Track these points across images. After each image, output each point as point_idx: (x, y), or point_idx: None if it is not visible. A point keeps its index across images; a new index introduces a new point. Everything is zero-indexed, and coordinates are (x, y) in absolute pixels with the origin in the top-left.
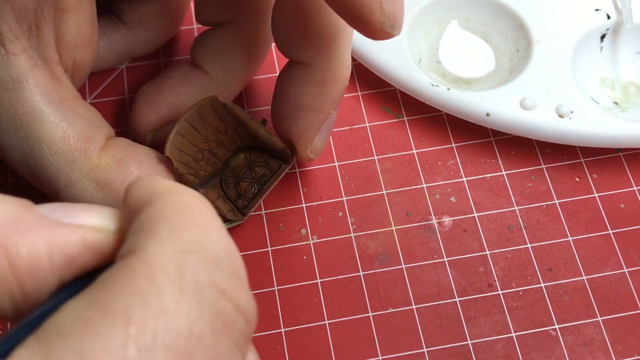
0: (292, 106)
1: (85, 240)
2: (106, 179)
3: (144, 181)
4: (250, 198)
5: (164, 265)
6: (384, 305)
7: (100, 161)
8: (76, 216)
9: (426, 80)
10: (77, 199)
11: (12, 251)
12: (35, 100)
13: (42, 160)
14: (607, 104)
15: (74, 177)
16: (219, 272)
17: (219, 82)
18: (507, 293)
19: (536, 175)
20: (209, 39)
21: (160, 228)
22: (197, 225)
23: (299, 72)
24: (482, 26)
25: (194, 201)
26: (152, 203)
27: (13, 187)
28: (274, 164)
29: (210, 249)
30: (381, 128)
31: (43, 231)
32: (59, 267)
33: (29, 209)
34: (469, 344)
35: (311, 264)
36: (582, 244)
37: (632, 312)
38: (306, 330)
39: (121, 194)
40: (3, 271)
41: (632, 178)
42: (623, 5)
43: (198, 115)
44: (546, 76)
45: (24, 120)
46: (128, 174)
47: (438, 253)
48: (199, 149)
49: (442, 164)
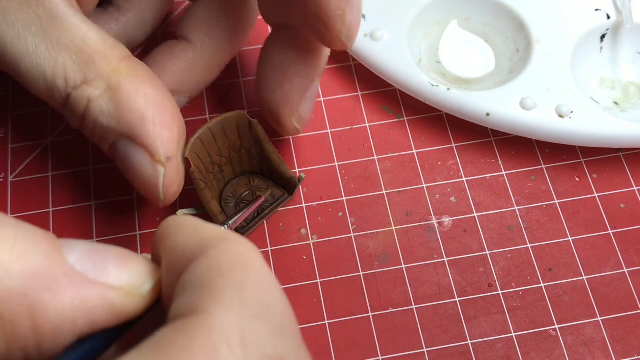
0: (278, 71)
1: (113, 306)
2: (118, 83)
3: (189, 226)
4: (249, 221)
5: (228, 335)
6: (384, 305)
7: (120, 66)
8: (106, 272)
9: (426, 80)
10: (84, 98)
11: (39, 313)
12: (54, 2)
13: (60, 62)
14: (607, 104)
15: (90, 77)
16: (286, 344)
17: (205, 53)
18: (507, 293)
19: (536, 175)
20: (195, 9)
21: (222, 286)
22: (260, 283)
23: (283, 36)
24: (482, 26)
25: (249, 253)
26: (206, 252)
27: (13, 186)
28: (276, 192)
29: (275, 315)
30: (381, 128)
31: (72, 293)
32: (81, 329)
33: (59, 257)
34: (469, 344)
35: (311, 264)
36: (582, 244)
37: (632, 312)
38: (306, 330)
39: (124, 103)
40: (25, 330)
41: (632, 178)
42: (623, 5)
43: (221, 126)
44: (546, 76)
45: (44, 23)
46: (140, 88)
47: (438, 253)
48: (212, 160)
49: (442, 164)
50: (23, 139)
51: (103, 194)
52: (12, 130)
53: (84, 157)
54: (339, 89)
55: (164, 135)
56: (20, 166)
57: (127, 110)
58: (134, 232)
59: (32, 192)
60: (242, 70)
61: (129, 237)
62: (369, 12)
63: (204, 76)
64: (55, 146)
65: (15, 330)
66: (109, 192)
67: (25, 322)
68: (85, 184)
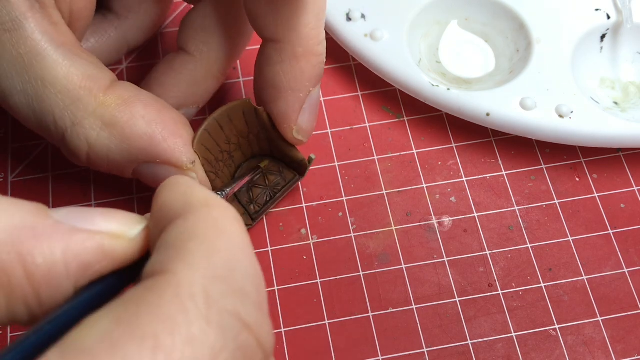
0: (270, 88)
1: (102, 247)
2: (112, 117)
3: (180, 186)
4: (262, 204)
5: (193, 292)
6: (384, 305)
7: (106, 99)
8: (92, 222)
9: (426, 80)
10: (82, 139)
11: (28, 259)
12: (36, 40)
13: (47, 101)
14: (607, 104)
15: (79, 115)
16: (245, 303)
17: (204, 62)
18: (507, 293)
19: (536, 175)
20: (191, 18)
21: (192, 248)
22: (229, 248)
23: (272, 51)
24: (482, 26)
25: (229, 220)
26: (186, 215)
27: (13, 186)
28: (288, 174)
29: (238, 278)
30: (381, 128)
31: (59, 238)
32: (75, 273)
33: (44, 214)
34: (469, 344)
35: (311, 264)
36: (582, 244)
37: (632, 312)
38: (306, 330)
39: (127, 134)
40: (19, 279)
41: (632, 178)
42: (623, 5)
43: (227, 116)
44: (546, 76)
45: (27, 61)
46: (134, 113)
47: (438, 253)
48: (220, 149)
49: (442, 164)
50: (23, 139)
51: (103, 194)
52: (12, 130)
53: None
54: (338, 89)
55: (178, 144)
56: (20, 166)
57: (134, 138)
58: None
59: (32, 192)
60: (242, 70)
61: None
62: (369, 12)
63: (207, 85)
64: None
65: (10, 281)
66: (108, 192)
67: (18, 271)
68: (85, 184)
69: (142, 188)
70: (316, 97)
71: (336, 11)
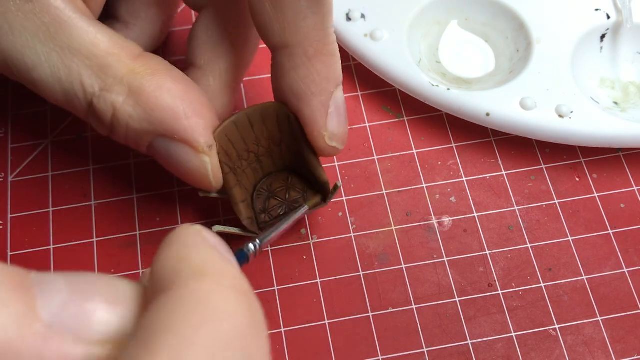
0: (291, 98)
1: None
2: (139, 85)
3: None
4: (274, 217)
5: None
6: (384, 305)
7: (136, 67)
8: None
9: (426, 80)
10: (109, 105)
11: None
12: (60, 8)
13: (74, 68)
14: (607, 104)
15: (109, 82)
16: None
17: (217, 73)
18: (507, 293)
19: (536, 175)
20: (197, 33)
21: (162, 347)
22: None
23: (283, 59)
24: (482, 26)
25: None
26: (168, 291)
27: (13, 186)
28: (310, 195)
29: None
30: (381, 128)
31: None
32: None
33: (31, 315)
34: (469, 344)
35: (311, 264)
36: (582, 244)
37: (632, 312)
38: (306, 330)
39: (150, 103)
40: None
41: (632, 178)
42: (623, 5)
43: (260, 115)
44: (546, 76)
45: (52, 30)
46: (162, 85)
47: (438, 253)
48: (247, 148)
49: (442, 164)
50: (23, 139)
51: (103, 194)
52: (12, 130)
53: (84, 157)
54: None
55: (200, 125)
56: (20, 166)
57: (157, 110)
58: (134, 232)
59: (32, 192)
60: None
61: (129, 237)
62: (368, 12)
63: (222, 97)
64: (55, 146)
65: None
66: (109, 192)
67: None
68: (85, 184)
69: (142, 188)
70: (341, 99)
71: (336, 11)
